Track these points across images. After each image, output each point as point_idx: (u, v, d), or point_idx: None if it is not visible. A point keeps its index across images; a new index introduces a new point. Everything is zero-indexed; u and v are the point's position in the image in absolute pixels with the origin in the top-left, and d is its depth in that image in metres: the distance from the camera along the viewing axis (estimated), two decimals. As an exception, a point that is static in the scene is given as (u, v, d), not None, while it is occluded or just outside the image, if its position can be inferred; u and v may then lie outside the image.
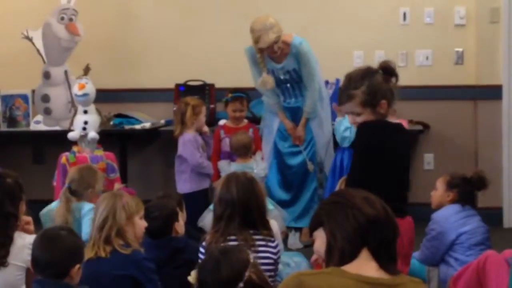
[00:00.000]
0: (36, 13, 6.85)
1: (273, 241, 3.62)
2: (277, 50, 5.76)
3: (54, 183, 5.83)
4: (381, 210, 2.30)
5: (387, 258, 2.26)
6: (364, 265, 2.23)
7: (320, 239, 2.32)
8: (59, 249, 2.92)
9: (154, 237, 3.92)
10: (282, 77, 5.93)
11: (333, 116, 5.95)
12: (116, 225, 3.48)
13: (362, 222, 2.25)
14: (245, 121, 6.16)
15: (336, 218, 2.28)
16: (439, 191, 4.58)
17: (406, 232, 3.58)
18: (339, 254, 2.25)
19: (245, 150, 5.68)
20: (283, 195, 6.02)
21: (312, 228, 2.35)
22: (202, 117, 5.73)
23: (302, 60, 5.82)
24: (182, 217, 4.35)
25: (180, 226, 4.05)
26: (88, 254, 3.34)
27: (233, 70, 6.71)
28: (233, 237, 3.53)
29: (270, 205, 5.22)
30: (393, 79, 3.65)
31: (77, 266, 2.92)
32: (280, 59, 5.87)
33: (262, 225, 3.62)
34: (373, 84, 3.60)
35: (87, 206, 4.41)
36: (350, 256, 2.24)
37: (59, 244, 2.93)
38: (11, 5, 7.16)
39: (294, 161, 6.02)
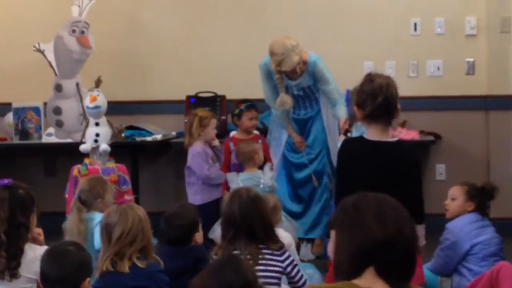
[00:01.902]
0: (48, 26, 6.88)
1: (279, 255, 3.67)
2: (298, 70, 5.75)
3: (66, 195, 5.83)
4: (393, 229, 2.14)
5: (396, 277, 2.15)
6: (375, 283, 2.14)
7: (332, 241, 2.26)
8: (68, 265, 2.94)
9: (174, 245, 3.93)
10: (295, 93, 5.91)
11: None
12: (145, 239, 3.49)
13: (367, 244, 2.13)
14: (255, 132, 6.14)
15: (343, 235, 2.19)
16: (458, 201, 4.55)
17: None
18: (342, 274, 2.19)
19: (244, 159, 5.65)
20: (294, 206, 6.00)
21: (329, 228, 2.31)
22: (211, 130, 5.67)
23: (319, 78, 5.79)
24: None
25: (200, 236, 4.08)
26: (105, 266, 3.34)
27: (244, 82, 6.71)
28: (238, 252, 3.58)
29: (282, 217, 5.22)
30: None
31: (87, 280, 2.94)
32: (296, 77, 5.86)
33: (269, 240, 3.67)
34: None
35: (98, 217, 4.42)
36: (352, 275, 2.16)
37: (68, 260, 2.96)
38: (23, 18, 7.19)
39: (304, 173, 6.01)
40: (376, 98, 3.74)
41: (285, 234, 4.43)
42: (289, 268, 3.68)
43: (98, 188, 4.62)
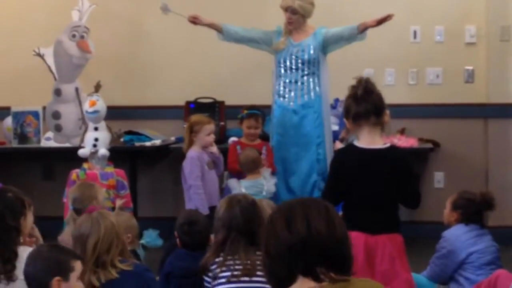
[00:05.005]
0: (48, 30, 6.89)
1: None
2: (294, 19, 5.85)
3: (64, 200, 5.83)
4: (303, 230, 2.15)
5: (329, 273, 2.15)
6: (308, 284, 2.16)
7: None
8: (36, 265, 2.99)
9: (193, 249, 3.94)
10: (294, 56, 5.87)
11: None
12: (121, 243, 3.49)
13: (283, 252, 2.16)
14: (259, 140, 6.05)
15: (263, 251, 2.22)
16: (446, 210, 4.56)
17: (385, 247, 3.63)
18: (274, 282, 2.21)
19: (254, 166, 5.65)
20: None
21: None
22: (204, 136, 5.51)
23: (326, 32, 5.93)
24: None
25: (211, 240, 4.12)
26: (88, 281, 3.34)
27: (244, 88, 6.71)
28: (238, 262, 3.58)
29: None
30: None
31: (56, 278, 2.93)
32: (299, 37, 5.89)
33: None
34: None
35: None
36: (285, 282, 2.17)
37: (36, 260, 3.01)
38: (23, 22, 7.20)
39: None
40: (356, 93, 3.73)
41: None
42: None
43: (89, 191, 4.62)
